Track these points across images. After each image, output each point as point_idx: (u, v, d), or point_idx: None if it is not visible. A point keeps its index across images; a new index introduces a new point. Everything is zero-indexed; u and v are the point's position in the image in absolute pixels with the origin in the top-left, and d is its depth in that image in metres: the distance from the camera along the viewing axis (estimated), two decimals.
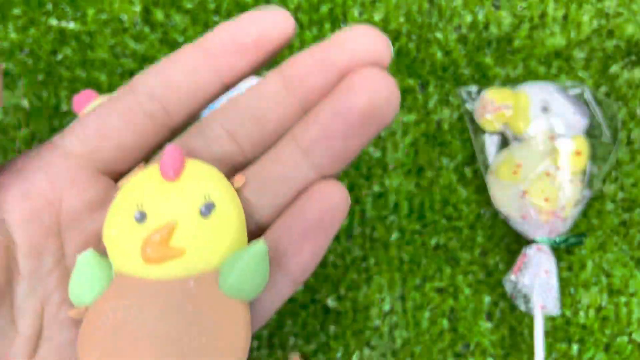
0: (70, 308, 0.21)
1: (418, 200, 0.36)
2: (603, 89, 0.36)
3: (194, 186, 0.21)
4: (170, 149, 0.21)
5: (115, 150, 0.22)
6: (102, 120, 0.22)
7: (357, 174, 0.36)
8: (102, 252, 0.22)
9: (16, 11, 0.37)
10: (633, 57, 0.36)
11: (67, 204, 0.21)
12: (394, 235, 0.36)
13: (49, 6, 0.37)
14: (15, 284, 0.20)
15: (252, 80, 0.29)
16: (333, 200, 0.21)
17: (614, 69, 0.36)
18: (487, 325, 0.35)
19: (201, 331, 0.19)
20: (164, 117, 0.22)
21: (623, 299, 0.35)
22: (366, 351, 0.35)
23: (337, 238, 0.36)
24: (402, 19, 0.37)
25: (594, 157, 0.34)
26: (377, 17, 0.37)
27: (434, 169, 0.36)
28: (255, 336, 0.36)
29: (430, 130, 0.36)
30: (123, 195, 0.21)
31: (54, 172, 0.21)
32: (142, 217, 0.20)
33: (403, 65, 0.36)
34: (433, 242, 0.36)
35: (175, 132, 0.23)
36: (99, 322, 0.20)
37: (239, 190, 0.22)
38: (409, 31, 0.37)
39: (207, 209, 0.20)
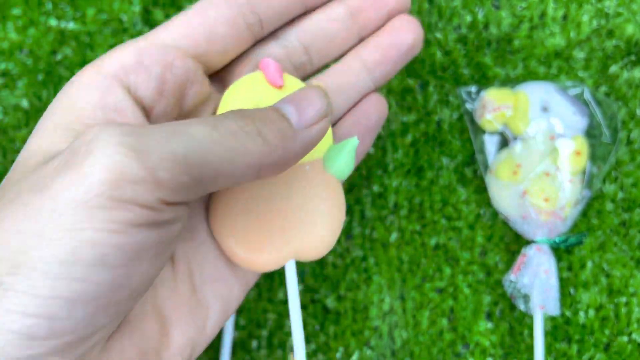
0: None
1: (418, 200, 0.36)
2: (603, 88, 0.36)
3: None
4: (269, 62, 0.26)
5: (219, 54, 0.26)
6: (209, 23, 0.25)
7: (357, 174, 0.36)
8: None
9: (16, 11, 0.37)
10: (633, 57, 0.36)
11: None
12: (394, 235, 0.36)
13: (49, 6, 0.37)
14: None
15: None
16: (382, 110, 0.30)
17: (613, 69, 0.36)
18: (486, 325, 0.35)
19: (319, 202, 0.26)
20: (258, 29, 0.26)
21: (623, 299, 0.35)
22: (366, 351, 0.35)
23: None
24: None
25: (593, 157, 0.33)
26: None
27: (433, 169, 0.36)
28: (255, 336, 0.36)
29: (430, 130, 0.36)
30: (232, 97, 0.26)
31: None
32: None
33: None
34: (433, 242, 0.36)
35: (256, 43, 0.28)
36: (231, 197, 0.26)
37: None
38: None
39: None
